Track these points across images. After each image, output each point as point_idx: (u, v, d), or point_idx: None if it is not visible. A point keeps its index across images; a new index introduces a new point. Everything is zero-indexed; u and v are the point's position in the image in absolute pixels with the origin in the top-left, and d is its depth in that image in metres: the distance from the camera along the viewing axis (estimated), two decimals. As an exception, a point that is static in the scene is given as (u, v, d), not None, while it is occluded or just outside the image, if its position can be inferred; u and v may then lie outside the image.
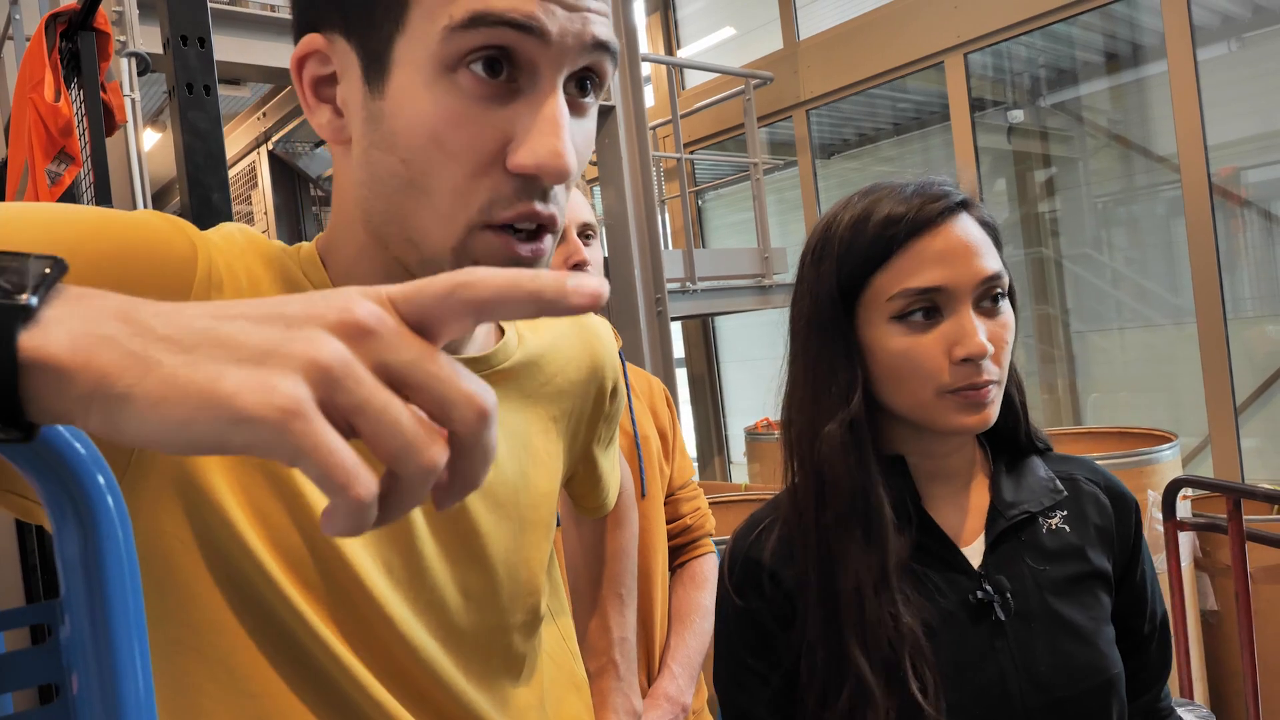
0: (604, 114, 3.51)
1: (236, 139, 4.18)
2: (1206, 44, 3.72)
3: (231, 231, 0.57)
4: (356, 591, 0.55)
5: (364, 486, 0.28)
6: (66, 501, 0.32)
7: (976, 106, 4.44)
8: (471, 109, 0.49)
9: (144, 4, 2.12)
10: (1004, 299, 0.79)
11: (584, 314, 0.76)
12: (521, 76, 0.50)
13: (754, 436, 4.13)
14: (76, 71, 1.87)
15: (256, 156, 4.16)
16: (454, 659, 0.60)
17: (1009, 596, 0.78)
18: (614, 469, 0.86)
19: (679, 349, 5.85)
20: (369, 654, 0.56)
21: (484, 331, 0.65)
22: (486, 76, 0.49)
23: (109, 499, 0.32)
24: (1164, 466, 2.65)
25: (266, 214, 4.16)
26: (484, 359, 0.63)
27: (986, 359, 0.75)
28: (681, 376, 5.96)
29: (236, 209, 4.28)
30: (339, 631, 0.55)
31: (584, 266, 1.28)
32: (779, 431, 0.87)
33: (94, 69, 1.84)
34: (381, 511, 0.30)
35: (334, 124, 0.54)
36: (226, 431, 0.28)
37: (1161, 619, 0.88)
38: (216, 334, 0.29)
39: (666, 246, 4.68)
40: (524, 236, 0.52)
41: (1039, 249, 4.63)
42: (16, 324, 0.28)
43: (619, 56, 0.54)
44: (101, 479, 0.33)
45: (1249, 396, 3.77)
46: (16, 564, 2.49)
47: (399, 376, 0.30)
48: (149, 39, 2.18)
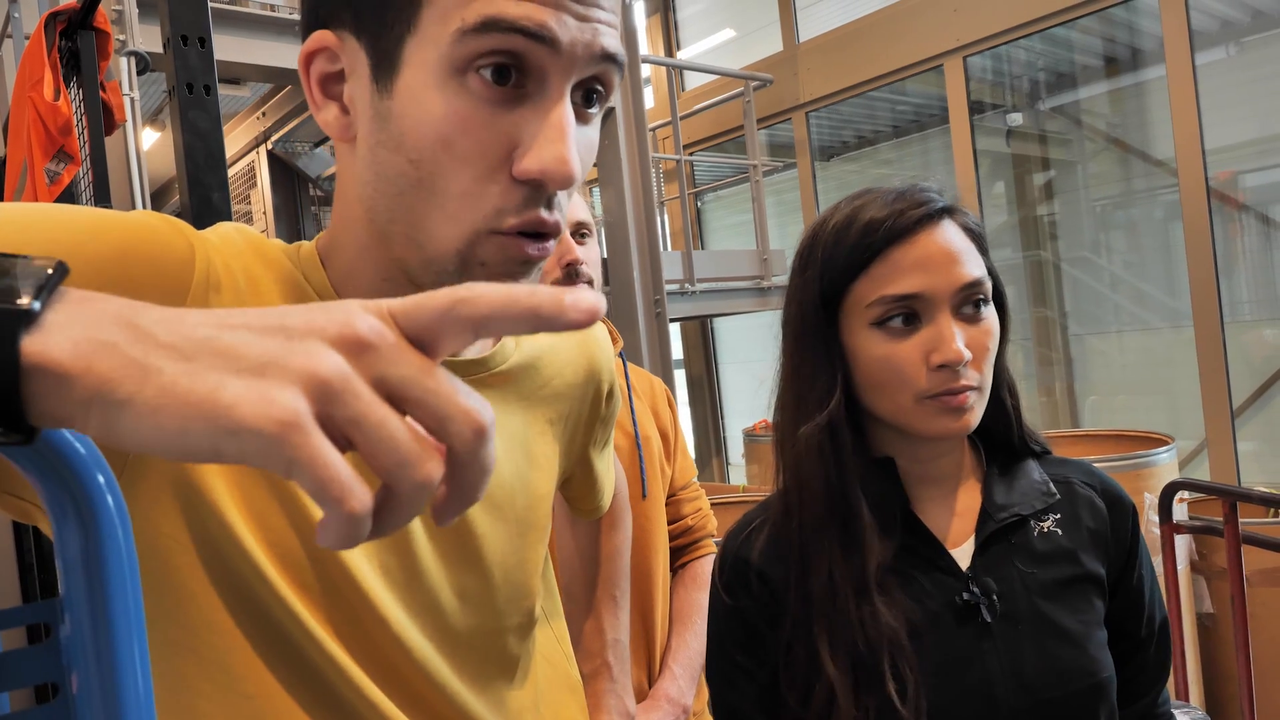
0: (604, 116, 3.50)
1: (236, 138, 4.18)
2: (1205, 48, 3.73)
3: (228, 232, 0.57)
4: (352, 593, 0.55)
5: (359, 500, 0.28)
6: (67, 501, 0.32)
7: (975, 109, 4.44)
8: (480, 112, 0.49)
9: (144, 3, 2.12)
10: (987, 305, 0.79)
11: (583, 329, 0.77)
12: (530, 83, 0.50)
13: (752, 438, 4.13)
14: (76, 70, 1.87)
15: (256, 156, 4.16)
16: (449, 661, 0.60)
17: (996, 599, 0.78)
18: (609, 471, 0.86)
19: (678, 350, 5.86)
20: (364, 655, 0.56)
21: None
22: (495, 83, 0.49)
23: (109, 498, 0.33)
24: (1161, 469, 2.65)
25: (265, 214, 4.16)
26: (481, 362, 0.63)
27: (965, 365, 0.76)
28: (680, 378, 5.97)
29: (235, 209, 4.27)
30: (335, 633, 0.55)
31: (577, 265, 1.27)
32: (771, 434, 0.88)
33: (93, 68, 1.84)
34: (376, 525, 0.30)
35: (341, 121, 0.54)
36: (223, 441, 0.28)
37: (1161, 623, 0.87)
38: (217, 344, 0.29)
39: (665, 248, 4.68)
40: (530, 238, 0.52)
41: (1037, 252, 4.64)
42: (19, 328, 0.28)
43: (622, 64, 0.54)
44: (102, 478, 0.33)
45: (1246, 400, 3.78)
46: (13, 563, 2.49)
47: (397, 391, 0.30)
48: (149, 38, 2.18)
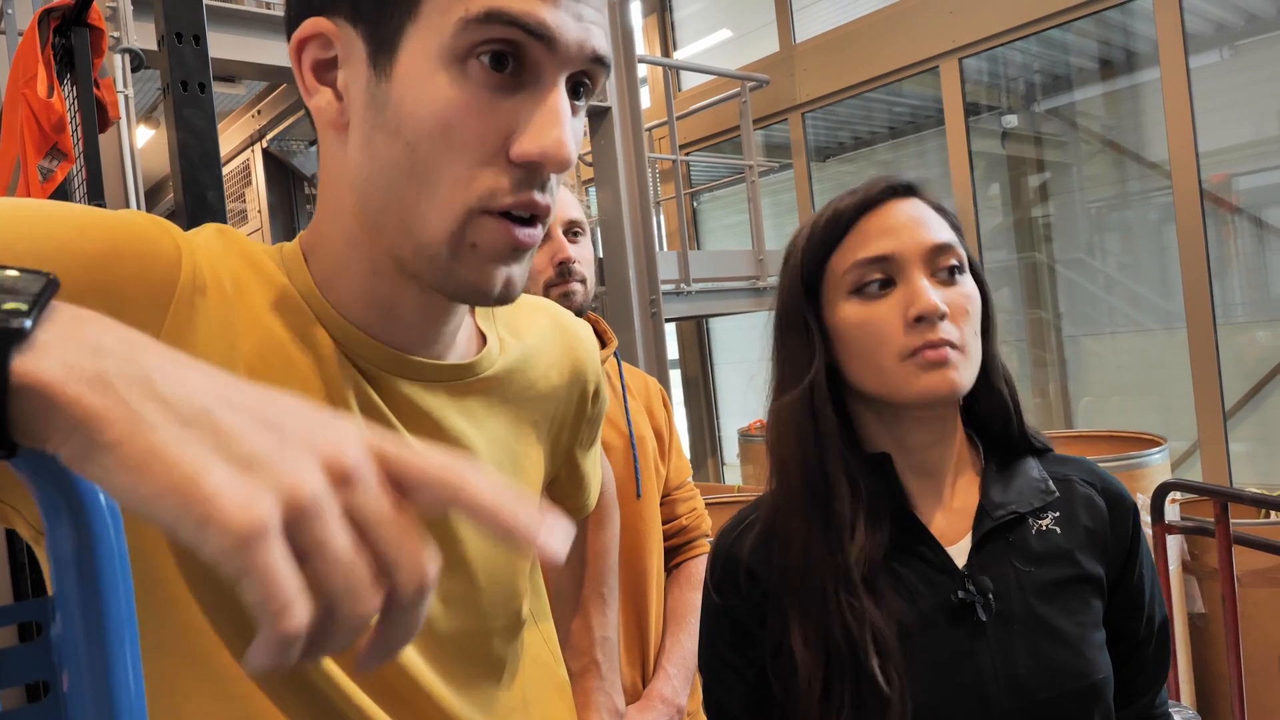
0: (600, 115, 3.51)
1: (231, 136, 4.17)
2: (1199, 51, 3.74)
3: (210, 234, 0.57)
4: None
5: (296, 620, 0.28)
6: (59, 499, 0.32)
7: (971, 111, 4.45)
8: (479, 98, 0.51)
9: (138, 0, 2.12)
10: (962, 274, 0.80)
11: (565, 315, 0.76)
12: (525, 73, 0.52)
13: (747, 438, 4.13)
14: (70, 67, 1.86)
15: (251, 154, 4.15)
16: (435, 664, 0.60)
17: (991, 598, 0.78)
18: (595, 470, 0.86)
19: (673, 350, 5.86)
20: (347, 655, 0.56)
21: (466, 338, 0.65)
22: (493, 68, 0.50)
23: (101, 497, 0.32)
24: (1153, 470, 2.66)
25: (260, 212, 4.15)
26: (468, 366, 0.63)
27: (944, 321, 0.76)
28: (675, 378, 5.97)
29: (230, 207, 4.26)
30: None
31: (569, 264, 1.27)
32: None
33: (87, 65, 1.84)
34: (307, 649, 0.30)
35: (333, 107, 0.54)
36: (189, 525, 0.28)
37: (1160, 624, 0.87)
38: (215, 420, 0.30)
39: (661, 248, 4.68)
40: (520, 222, 0.53)
41: (1032, 253, 4.65)
42: (10, 347, 0.28)
43: (616, 57, 0.55)
44: (94, 477, 0.33)
45: (1238, 401, 3.80)
46: (5, 562, 2.48)
47: (361, 525, 0.31)
48: (143, 35, 2.18)
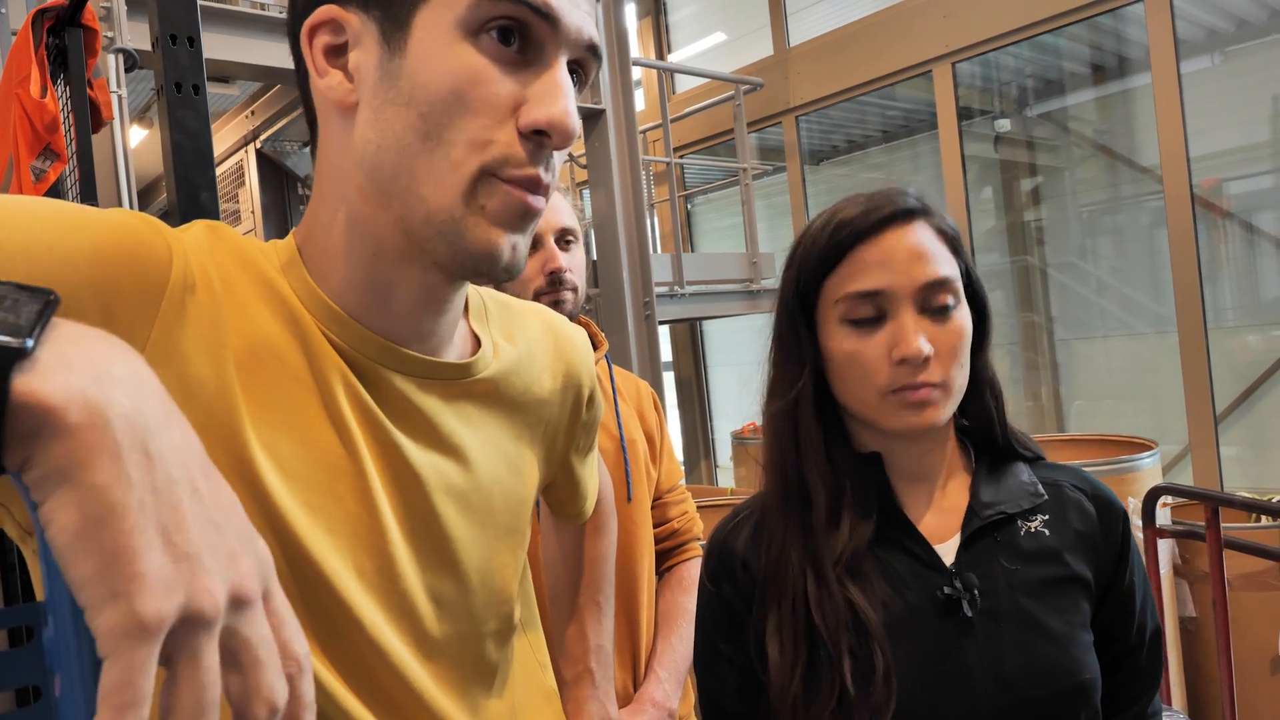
0: (594, 117, 3.51)
1: (224, 137, 4.15)
2: (1190, 57, 3.76)
3: (201, 231, 0.57)
4: (326, 594, 0.55)
5: (134, 714, 0.29)
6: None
7: (964, 115, 4.47)
8: (490, 69, 0.53)
9: (132, 0, 2.11)
10: (958, 306, 0.80)
11: (559, 320, 0.77)
12: (531, 50, 0.54)
13: (740, 441, 4.14)
14: (63, 67, 1.85)
15: (244, 155, 4.13)
16: (426, 666, 0.60)
17: (978, 594, 0.79)
18: (592, 476, 0.86)
19: (667, 352, 5.86)
20: (339, 658, 0.56)
21: (460, 339, 0.65)
22: (501, 43, 0.53)
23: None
24: (1144, 474, 2.67)
25: (254, 213, 4.14)
26: (462, 366, 0.63)
27: (927, 362, 0.77)
28: (669, 380, 5.97)
29: (223, 207, 4.25)
30: (310, 636, 0.55)
31: (560, 273, 1.26)
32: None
33: (81, 65, 1.83)
34: None
35: (343, 87, 0.56)
36: (100, 590, 0.29)
37: (1153, 632, 0.87)
38: (176, 499, 0.31)
39: (655, 250, 4.68)
40: (531, 190, 0.55)
41: (1024, 257, 4.67)
42: (11, 367, 0.29)
43: (611, 59, 0.57)
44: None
45: (1229, 405, 3.81)
46: (-5, 563, 2.46)
47: (236, 646, 0.32)
48: (137, 35, 2.17)
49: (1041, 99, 4.66)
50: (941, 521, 0.84)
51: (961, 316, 0.80)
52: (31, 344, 0.29)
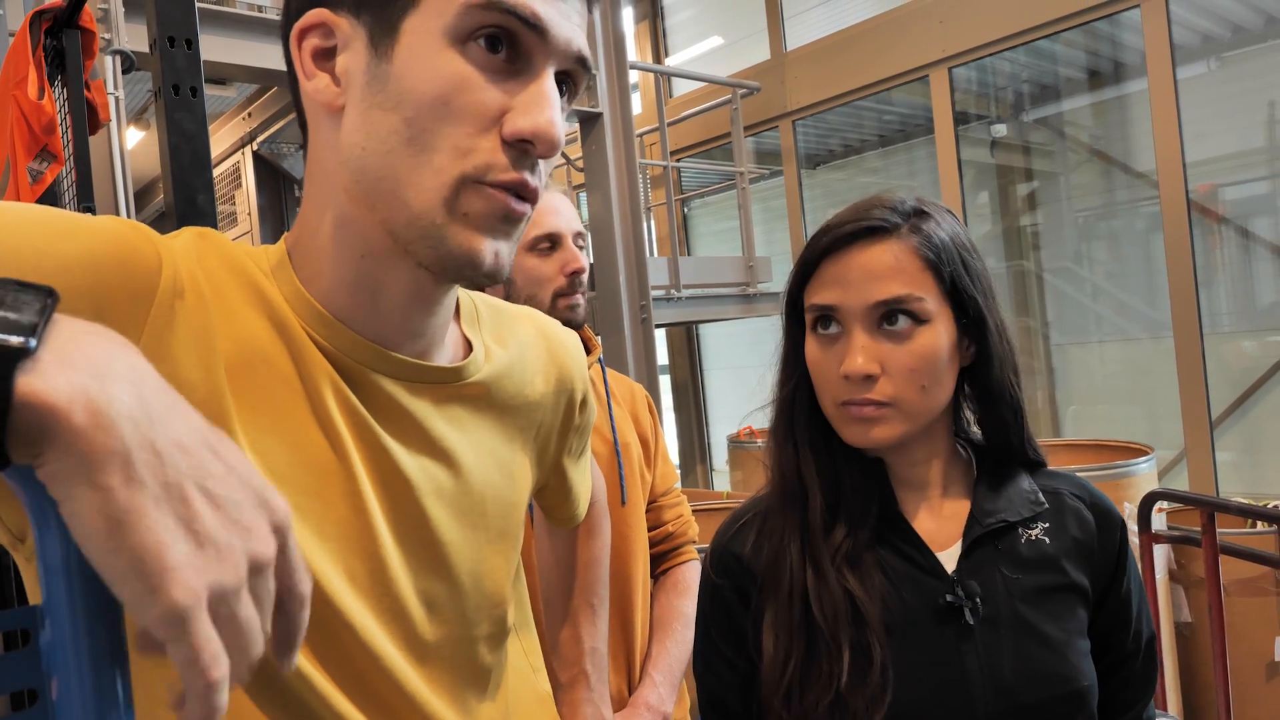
0: (591, 120, 3.52)
1: (221, 139, 4.15)
2: (1186, 63, 3.78)
3: (190, 238, 0.57)
4: (317, 598, 0.55)
5: (221, 670, 0.32)
6: (49, 506, 0.32)
7: (960, 120, 4.48)
8: (477, 77, 0.53)
9: (130, 2, 2.11)
10: (921, 325, 0.79)
11: (551, 323, 0.77)
12: (519, 60, 0.55)
13: (737, 444, 4.14)
14: (60, 69, 1.85)
15: (241, 157, 4.13)
16: (418, 670, 0.60)
17: (979, 601, 0.80)
18: (585, 480, 0.86)
19: (663, 356, 5.86)
20: (331, 662, 0.56)
21: (452, 343, 0.65)
22: (489, 50, 0.53)
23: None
24: (1140, 479, 2.68)
25: (250, 215, 4.13)
26: (453, 370, 0.63)
27: (874, 380, 0.78)
28: (665, 383, 5.97)
29: (220, 209, 4.24)
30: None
31: (581, 275, 1.29)
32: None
33: (78, 67, 1.83)
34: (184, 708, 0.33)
35: (331, 89, 0.56)
36: (136, 587, 0.30)
37: (1148, 639, 0.88)
38: (187, 493, 0.32)
39: (652, 254, 4.68)
40: (515, 196, 0.55)
41: (1020, 262, 4.68)
42: (14, 366, 0.29)
43: (608, 62, 0.56)
44: (84, 484, 0.33)
45: (1224, 411, 3.82)
46: (-11, 565, 2.45)
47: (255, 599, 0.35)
48: (134, 37, 2.17)
49: (1038, 104, 4.68)
50: (942, 529, 0.84)
51: (926, 337, 0.79)
52: (35, 343, 0.29)
